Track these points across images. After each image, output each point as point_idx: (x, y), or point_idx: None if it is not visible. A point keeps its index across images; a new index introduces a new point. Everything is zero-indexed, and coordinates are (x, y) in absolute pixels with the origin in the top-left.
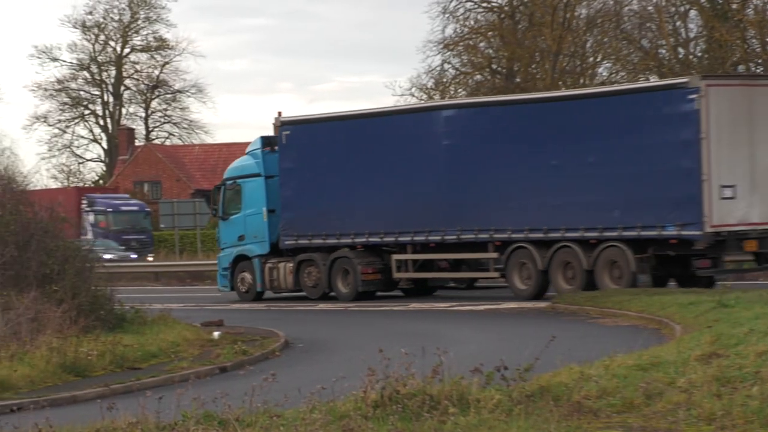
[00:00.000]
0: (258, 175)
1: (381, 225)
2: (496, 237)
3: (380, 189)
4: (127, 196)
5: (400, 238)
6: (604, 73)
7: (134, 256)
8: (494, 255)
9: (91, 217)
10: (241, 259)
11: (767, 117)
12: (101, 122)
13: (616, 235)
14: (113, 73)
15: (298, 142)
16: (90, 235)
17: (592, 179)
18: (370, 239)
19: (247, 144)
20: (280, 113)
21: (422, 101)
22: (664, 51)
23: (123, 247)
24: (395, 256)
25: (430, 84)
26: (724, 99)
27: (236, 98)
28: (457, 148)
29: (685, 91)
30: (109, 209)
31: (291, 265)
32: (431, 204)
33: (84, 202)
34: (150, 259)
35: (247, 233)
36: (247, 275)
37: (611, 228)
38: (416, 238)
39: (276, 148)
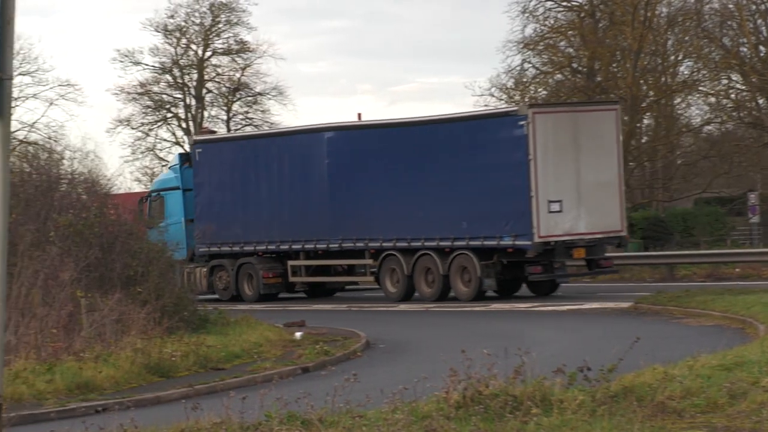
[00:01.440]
0: (177, 188)
1: (278, 234)
2: (370, 245)
3: (277, 202)
4: None
5: (294, 246)
6: (685, 72)
7: None
8: (370, 261)
9: None
10: None
11: (591, 139)
12: (183, 125)
13: (464, 245)
14: (195, 76)
15: (209, 159)
16: None
17: (444, 195)
18: (269, 247)
19: None
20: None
21: (310, 124)
22: (745, 49)
23: None
24: (290, 262)
25: (510, 84)
26: (549, 124)
27: (316, 100)
28: (336, 165)
29: (515, 118)
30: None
31: (205, 270)
32: (318, 215)
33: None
34: None
35: (168, 241)
36: None
37: (460, 238)
38: (307, 246)
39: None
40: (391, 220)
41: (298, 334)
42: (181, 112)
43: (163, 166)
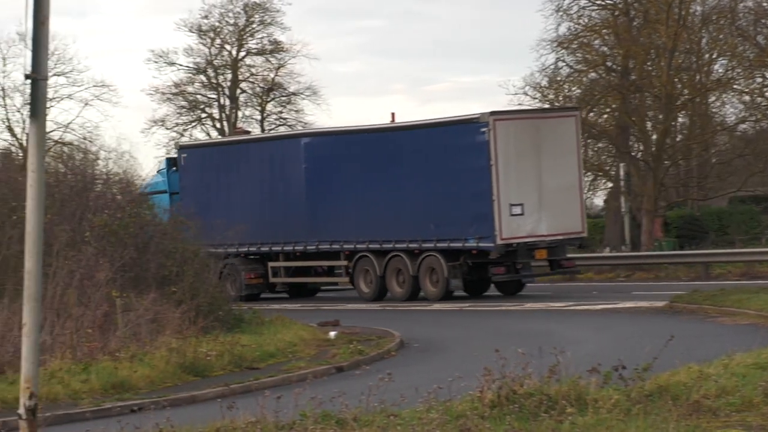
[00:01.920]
0: (165, 191)
1: (259, 236)
2: (345, 247)
3: (258, 205)
4: None
5: (274, 248)
6: (720, 70)
7: None
8: (344, 263)
9: None
10: None
11: (552, 144)
12: (218, 125)
13: (432, 246)
14: (229, 76)
15: (193, 164)
16: None
17: (413, 199)
18: (251, 249)
19: None
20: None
21: (288, 130)
22: None
23: None
24: (270, 264)
25: (543, 83)
26: (510, 131)
27: (350, 100)
28: (313, 170)
29: (477, 125)
30: None
31: None
32: (296, 218)
33: None
34: None
35: None
36: None
37: (429, 240)
38: (286, 248)
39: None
40: (365, 222)
41: (332, 334)
42: (215, 112)
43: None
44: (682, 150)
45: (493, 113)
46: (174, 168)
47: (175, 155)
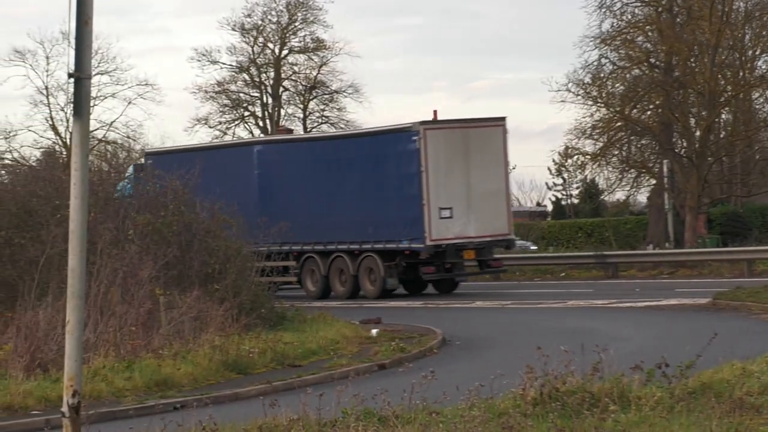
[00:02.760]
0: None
1: None
2: (293, 249)
3: None
4: None
5: None
6: (763, 66)
7: None
8: (294, 263)
9: None
10: None
11: (480, 152)
12: (261, 123)
13: (370, 248)
14: (272, 74)
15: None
16: None
17: (353, 203)
18: None
19: None
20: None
21: (243, 138)
22: None
23: None
24: None
25: (586, 79)
26: (440, 139)
27: (392, 98)
28: (264, 176)
29: (409, 134)
30: None
31: None
32: (251, 221)
33: None
34: None
35: None
36: None
37: (367, 242)
38: None
39: None
40: (311, 225)
41: (374, 331)
42: (258, 110)
43: None
44: (726, 146)
45: (423, 123)
46: (142, 174)
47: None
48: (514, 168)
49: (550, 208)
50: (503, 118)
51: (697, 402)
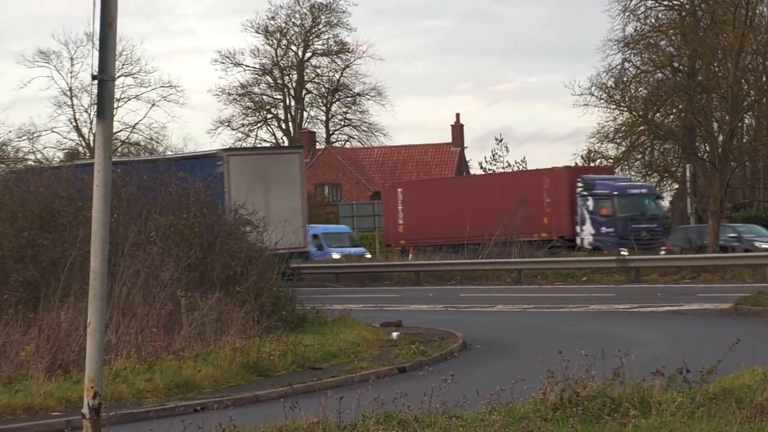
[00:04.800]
0: None
1: None
2: None
3: None
4: (628, 177)
5: None
6: None
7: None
8: None
9: (590, 203)
10: None
11: (279, 176)
12: (283, 126)
13: None
14: (295, 77)
15: None
16: (588, 225)
17: None
18: None
19: (425, 146)
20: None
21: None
22: None
23: (630, 240)
24: None
25: (610, 83)
26: (243, 165)
27: (415, 100)
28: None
29: (216, 159)
30: (614, 192)
31: None
32: None
33: (579, 184)
34: (663, 252)
35: None
36: None
37: None
38: None
39: None
40: None
41: (394, 334)
42: (281, 112)
43: None
44: (749, 151)
45: (226, 150)
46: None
47: None
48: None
49: None
50: (301, 146)
51: (718, 407)
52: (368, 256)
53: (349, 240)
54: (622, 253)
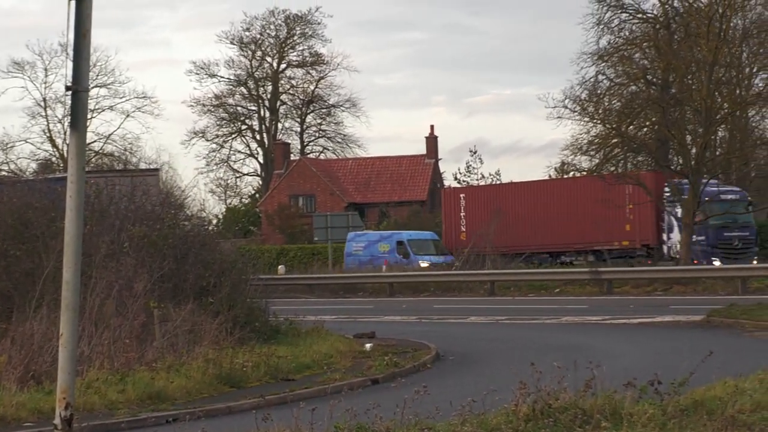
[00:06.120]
0: None
1: None
2: None
3: None
4: (716, 182)
5: None
6: (760, 84)
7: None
8: None
9: (678, 209)
10: None
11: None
12: (258, 137)
13: None
14: (269, 88)
15: None
16: (676, 233)
17: None
18: None
19: (399, 158)
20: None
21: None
22: None
23: (720, 250)
24: None
25: (583, 96)
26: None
27: (390, 112)
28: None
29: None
30: (705, 198)
31: None
32: None
33: (667, 190)
34: (755, 262)
35: None
36: None
37: None
38: None
39: None
40: None
41: (368, 346)
42: (255, 124)
43: (237, 177)
44: (722, 164)
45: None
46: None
47: None
48: None
49: None
50: (157, 170)
51: (690, 419)
52: (457, 264)
53: (435, 247)
54: (714, 263)
